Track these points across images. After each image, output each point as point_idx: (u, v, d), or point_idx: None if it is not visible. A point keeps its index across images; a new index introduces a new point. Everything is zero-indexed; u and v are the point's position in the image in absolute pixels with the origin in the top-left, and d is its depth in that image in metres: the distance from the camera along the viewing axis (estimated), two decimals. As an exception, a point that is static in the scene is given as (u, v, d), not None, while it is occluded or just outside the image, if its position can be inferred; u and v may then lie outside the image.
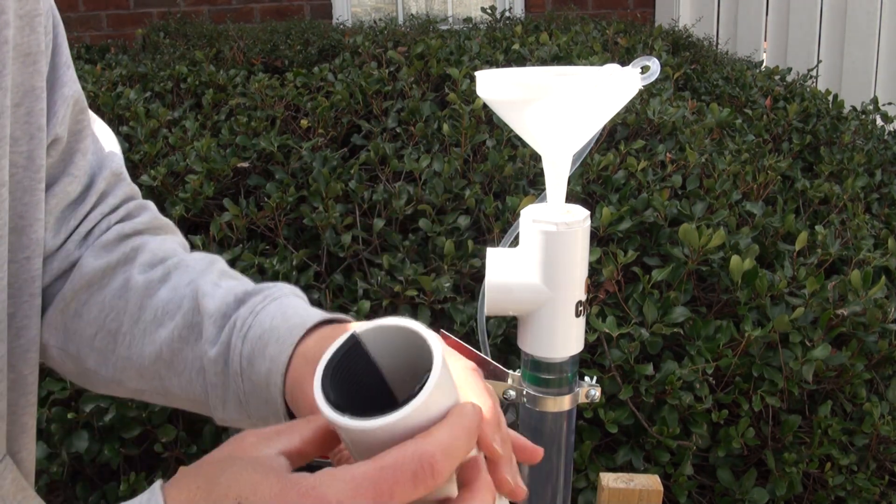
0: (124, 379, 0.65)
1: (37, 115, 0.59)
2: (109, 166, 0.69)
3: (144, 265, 0.66)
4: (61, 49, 0.63)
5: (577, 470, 1.55)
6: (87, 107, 0.67)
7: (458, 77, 2.31)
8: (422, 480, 0.39)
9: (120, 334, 0.64)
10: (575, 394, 0.65)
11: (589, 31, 3.22)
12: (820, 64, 3.86)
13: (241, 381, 0.59)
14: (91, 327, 0.65)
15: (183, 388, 0.63)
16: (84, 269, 0.65)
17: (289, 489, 0.39)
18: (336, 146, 2.31)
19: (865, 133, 2.72)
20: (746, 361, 1.59)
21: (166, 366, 0.63)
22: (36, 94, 0.59)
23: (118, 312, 0.65)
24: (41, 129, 0.59)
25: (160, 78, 2.69)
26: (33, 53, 0.58)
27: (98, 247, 0.67)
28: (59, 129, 0.62)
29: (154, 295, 0.64)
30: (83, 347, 0.66)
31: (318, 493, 0.39)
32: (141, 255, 0.67)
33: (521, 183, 1.97)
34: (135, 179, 2.11)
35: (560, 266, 0.60)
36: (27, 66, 0.58)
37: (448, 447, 0.41)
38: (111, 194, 0.69)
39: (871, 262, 1.84)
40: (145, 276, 0.65)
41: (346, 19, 4.73)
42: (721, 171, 2.03)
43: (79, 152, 0.65)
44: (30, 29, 0.58)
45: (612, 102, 0.58)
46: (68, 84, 0.63)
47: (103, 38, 4.30)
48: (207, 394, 0.62)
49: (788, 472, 1.55)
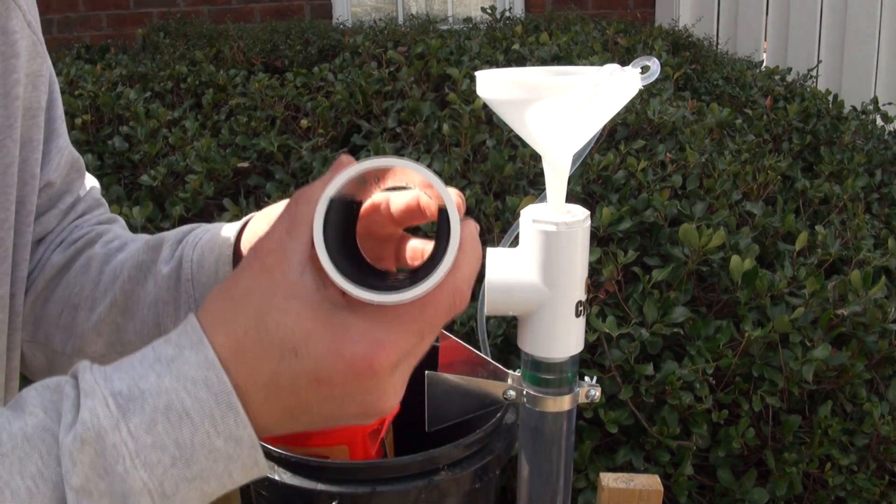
0: (84, 345, 0.67)
1: (32, 164, 0.64)
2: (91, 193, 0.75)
3: (105, 242, 0.71)
4: (56, 104, 0.69)
5: (577, 470, 1.55)
6: (80, 159, 0.74)
7: (458, 77, 2.31)
8: (454, 311, 0.44)
9: (82, 301, 0.68)
10: (575, 394, 0.65)
11: (589, 31, 3.22)
12: (820, 64, 3.86)
13: (191, 287, 0.63)
14: (57, 306, 0.69)
15: (137, 332, 0.66)
16: (53, 260, 0.70)
17: (339, 337, 0.41)
18: (336, 146, 2.31)
19: (865, 133, 2.72)
20: (746, 361, 1.59)
21: (121, 311, 0.66)
22: (33, 145, 0.64)
23: (81, 286, 0.68)
24: (34, 177, 0.65)
25: (160, 78, 2.69)
26: (34, 108, 0.64)
27: (65, 243, 0.72)
28: (53, 176, 0.68)
29: (112, 260, 0.69)
30: (50, 328, 0.69)
31: (373, 338, 0.41)
32: (103, 236, 0.72)
33: (521, 183, 1.97)
34: (135, 179, 2.12)
35: (560, 266, 0.60)
36: (28, 119, 0.64)
37: (471, 276, 0.45)
38: (89, 213, 0.75)
39: (871, 262, 1.84)
40: (105, 248, 0.70)
41: (346, 19, 4.72)
42: (721, 171, 2.03)
43: (68, 193, 0.72)
44: (33, 87, 0.64)
45: (612, 102, 0.58)
46: (62, 136, 0.70)
47: (103, 38, 4.30)
48: (160, 324, 0.65)
49: (788, 472, 1.55)
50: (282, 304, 0.41)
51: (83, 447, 0.39)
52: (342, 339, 0.41)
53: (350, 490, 1.10)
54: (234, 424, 0.40)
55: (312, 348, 0.41)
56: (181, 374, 0.40)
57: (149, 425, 0.39)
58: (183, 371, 0.40)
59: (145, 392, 0.40)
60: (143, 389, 0.40)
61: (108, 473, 0.39)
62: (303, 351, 0.41)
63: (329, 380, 0.41)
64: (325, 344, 0.41)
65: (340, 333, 0.41)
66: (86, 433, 0.39)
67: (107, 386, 0.40)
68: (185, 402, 0.40)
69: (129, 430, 0.39)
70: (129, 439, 0.39)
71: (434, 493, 1.13)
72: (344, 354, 0.41)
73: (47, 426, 0.40)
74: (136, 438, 0.39)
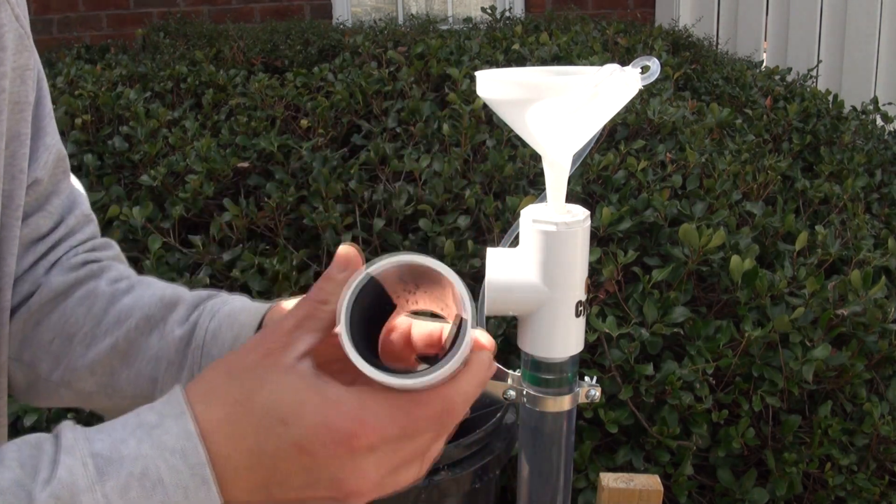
0: (74, 380, 0.67)
1: (20, 158, 0.64)
2: (80, 207, 0.75)
3: (110, 280, 0.71)
4: (44, 101, 0.69)
5: (577, 470, 1.55)
6: (66, 156, 0.73)
7: (458, 77, 2.31)
8: (444, 422, 0.46)
9: (78, 336, 0.67)
10: (575, 394, 0.65)
11: (589, 31, 3.22)
12: (820, 64, 3.86)
13: (199, 354, 0.63)
14: (49, 333, 0.68)
15: (131, 382, 0.65)
16: (52, 283, 0.69)
17: (329, 409, 0.43)
18: (336, 146, 2.31)
19: (865, 133, 2.72)
20: (746, 361, 1.59)
21: (120, 357, 0.66)
22: (21, 140, 0.64)
23: (78, 317, 0.68)
24: (22, 172, 0.65)
25: (160, 78, 2.69)
26: (21, 103, 0.64)
27: (66, 267, 0.71)
28: (41, 173, 0.68)
29: (118, 302, 0.68)
30: (38, 352, 0.68)
31: (358, 416, 0.43)
32: (107, 272, 0.72)
33: (521, 183, 1.97)
34: (135, 179, 2.12)
35: (560, 266, 0.60)
36: (15, 113, 0.64)
37: (469, 396, 0.46)
38: (79, 231, 0.74)
39: (871, 262, 1.84)
40: (111, 286, 0.70)
41: (346, 19, 4.72)
42: (721, 171, 2.03)
43: (55, 194, 0.71)
44: (20, 81, 0.63)
45: (612, 102, 0.58)
46: (51, 134, 0.69)
47: (103, 38, 4.30)
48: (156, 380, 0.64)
49: (788, 472, 1.55)
50: (278, 379, 0.44)
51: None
52: (332, 412, 0.43)
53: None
54: (206, 498, 0.41)
55: (303, 417, 0.43)
56: (160, 442, 0.42)
57: (123, 490, 0.40)
58: (163, 440, 0.42)
59: (124, 457, 0.41)
60: (122, 454, 0.41)
61: None
62: (292, 420, 0.43)
63: (311, 449, 0.42)
64: (317, 415, 0.43)
65: (332, 406, 0.43)
66: (61, 491, 0.39)
67: (87, 446, 0.41)
68: (160, 471, 0.41)
69: (103, 492, 0.40)
70: (102, 502, 0.40)
71: (434, 493, 1.13)
72: (329, 425, 0.43)
73: (22, 482, 0.40)
74: (109, 502, 0.40)
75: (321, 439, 0.42)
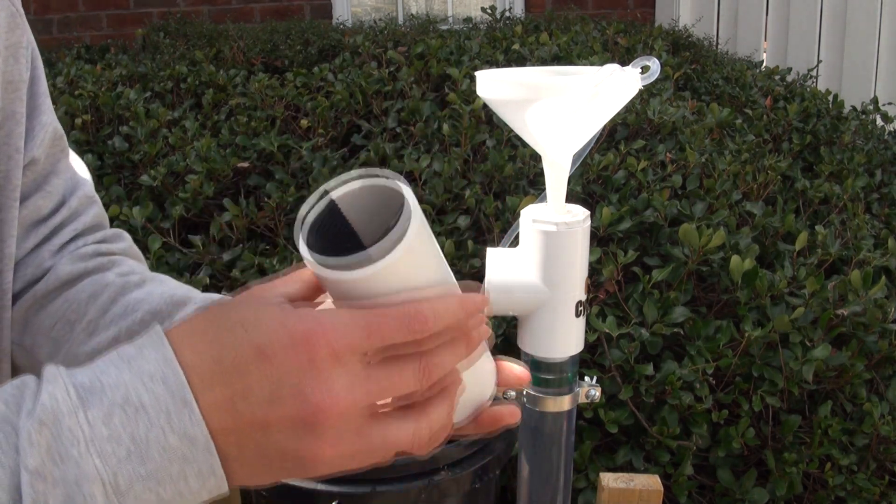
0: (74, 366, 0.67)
1: (16, 138, 0.64)
2: (83, 188, 0.74)
3: (121, 273, 0.71)
4: (40, 80, 0.69)
5: (577, 470, 1.55)
6: (63, 135, 0.73)
7: (458, 77, 2.31)
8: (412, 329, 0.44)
9: (81, 323, 0.67)
10: (575, 394, 0.65)
11: (589, 31, 3.22)
12: (820, 64, 3.86)
13: None
14: (51, 318, 0.68)
15: None
16: (59, 271, 0.69)
17: (288, 314, 0.43)
18: (336, 146, 2.31)
19: (865, 133, 2.72)
20: (746, 361, 1.59)
21: None
22: (16, 119, 0.64)
23: (82, 304, 0.68)
24: (18, 151, 0.64)
25: (160, 78, 2.69)
26: (15, 81, 0.64)
27: (75, 256, 0.71)
28: (38, 152, 0.68)
29: (127, 294, 0.68)
30: (39, 337, 0.68)
31: (316, 317, 0.43)
32: (118, 266, 0.72)
33: (521, 183, 1.97)
34: (135, 179, 2.12)
35: (560, 266, 0.60)
36: (9, 92, 0.63)
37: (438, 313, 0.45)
38: (84, 213, 0.74)
39: (871, 262, 1.84)
40: (122, 278, 0.69)
41: (346, 19, 4.72)
42: (721, 171, 2.03)
43: (53, 174, 0.71)
44: (14, 59, 0.63)
45: (612, 102, 0.58)
46: (46, 112, 0.69)
47: (103, 38, 4.30)
48: None
49: (788, 472, 1.55)
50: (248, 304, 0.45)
51: (41, 428, 0.39)
52: (292, 316, 0.43)
53: (350, 490, 1.10)
54: (189, 421, 0.41)
55: (261, 321, 0.43)
56: (140, 369, 0.42)
57: (106, 417, 0.40)
58: (142, 367, 0.42)
59: (105, 385, 0.41)
60: (103, 383, 0.41)
61: (63, 460, 0.39)
62: (251, 324, 0.43)
63: (271, 352, 0.42)
64: (274, 319, 0.43)
65: (291, 312, 0.44)
66: (44, 415, 0.39)
67: (69, 377, 0.42)
68: (141, 397, 0.41)
69: (86, 417, 0.40)
70: (85, 425, 0.40)
71: (434, 492, 1.14)
72: (287, 326, 0.42)
73: (7, 416, 0.40)
74: (92, 426, 0.40)
75: (280, 341, 0.42)
